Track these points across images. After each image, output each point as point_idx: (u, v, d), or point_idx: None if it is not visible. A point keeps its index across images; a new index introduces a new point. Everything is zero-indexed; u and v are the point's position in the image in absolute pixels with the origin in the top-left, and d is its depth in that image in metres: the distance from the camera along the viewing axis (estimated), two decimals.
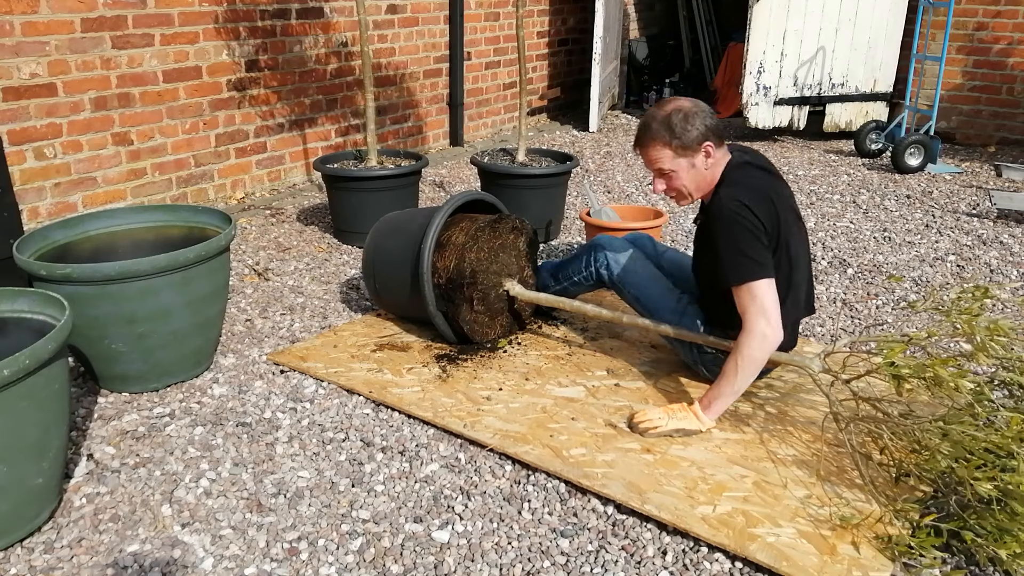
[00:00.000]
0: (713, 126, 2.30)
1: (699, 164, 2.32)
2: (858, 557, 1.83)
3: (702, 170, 2.33)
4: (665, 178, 2.37)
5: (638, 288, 2.69)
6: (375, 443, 2.31)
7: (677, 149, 2.30)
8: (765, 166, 2.44)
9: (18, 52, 3.53)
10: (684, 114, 2.28)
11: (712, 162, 2.33)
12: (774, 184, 2.38)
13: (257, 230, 4.19)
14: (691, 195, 2.39)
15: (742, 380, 2.25)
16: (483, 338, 2.84)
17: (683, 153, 2.30)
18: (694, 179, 2.35)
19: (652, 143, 2.32)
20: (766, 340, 2.21)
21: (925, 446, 1.97)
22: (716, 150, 2.32)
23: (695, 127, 2.27)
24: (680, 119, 2.27)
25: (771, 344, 2.22)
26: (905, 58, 6.07)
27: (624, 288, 2.72)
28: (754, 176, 2.35)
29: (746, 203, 2.24)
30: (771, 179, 2.40)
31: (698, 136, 2.28)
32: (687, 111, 2.28)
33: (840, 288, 3.49)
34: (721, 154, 2.35)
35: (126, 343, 2.41)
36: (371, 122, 3.97)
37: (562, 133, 6.73)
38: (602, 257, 2.77)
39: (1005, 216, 4.47)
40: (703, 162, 2.32)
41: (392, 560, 1.87)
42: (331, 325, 3.08)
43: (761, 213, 2.25)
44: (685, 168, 2.33)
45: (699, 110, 2.30)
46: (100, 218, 2.77)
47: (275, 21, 4.58)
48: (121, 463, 2.21)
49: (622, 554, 1.89)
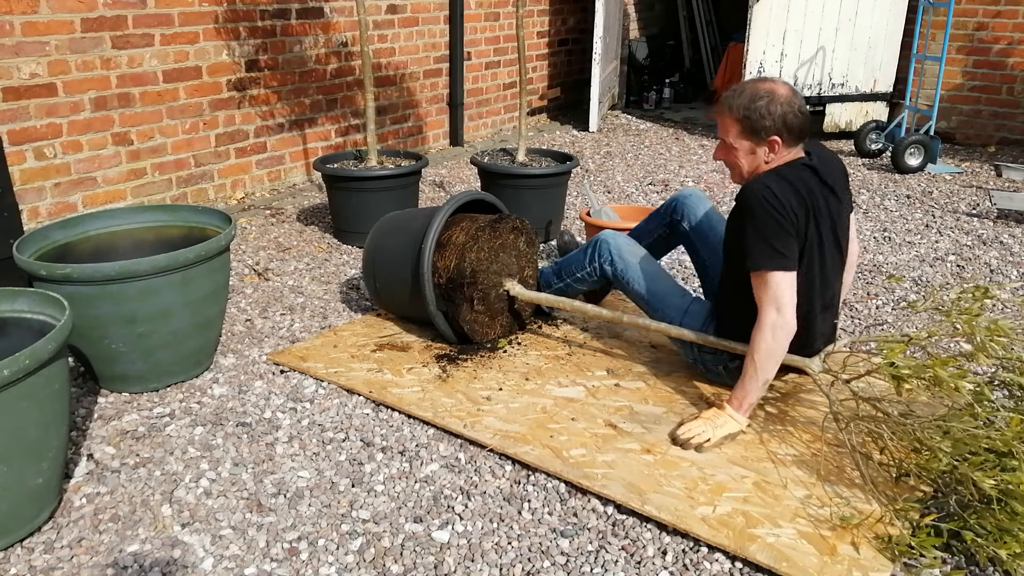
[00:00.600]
0: (794, 124, 2.22)
1: (760, 153, 2.27)
2: (858, 557, 1.83)
3: (762, 158, 2.28)
4: (726, 148, 2.33)
5: (642, 284, 2.68)
6: (375, 443, 2.31)
7: (746, 129, 2.25)
8: (824, 177, 2.31)
9: (18, 52, 3.53)
10: (771, 99, 2.20)
11: (775, 156, 2.27)
12: (820, 192, 2.28)
13: (257, 230, 4.19)
14: (743, 175, 2.33)
15: (764, 373, 2.22)
16: (483, 338, 2.84)
17: (749, 136, 2.26)
18: (751, 163, 2.30)
19: (729, 112, 2.27)
20: (777, 331, 2.18)
21: (925, 445, 1.97)
22: (784, 147, 2.25)
23: (772, 116, 2.20)
24: (764, 103, 2.20)
25: (784, 334, 2.18)
26: (905, 58, 6.07)
27: (628, 284, 2.71)
28: (802, 177, 2.26)
29: (775, 191, 2.19)
30: (819, 187, 2.28)
31: (770, 127, 2.21)
32: (776, 98, 2.21)
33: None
34: (789, 152, 2.28)
35: (126, 343, 2.41)
36: (371, 122, 3.97)
37: (562, 133, 6.73)
38: (605, 252, 2.76)
39: (1005, 216, 4.47)
40: (765, 153, 2.27)
41: (392, 560, 1.87)
42: (331, 325, 3.08)
43: (789, 203, 2.19)
44: (746, 150, 2.28)
45: (788, 101, 2.21)
46: (100, 218, 2.77)
47: (275, 21, 4.58)
48: (121, 463, 2.21)
49: (622, 554, 1.89)
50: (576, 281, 2.91)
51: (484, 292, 2.78)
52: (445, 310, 2.77)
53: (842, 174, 2.43)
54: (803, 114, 2.25)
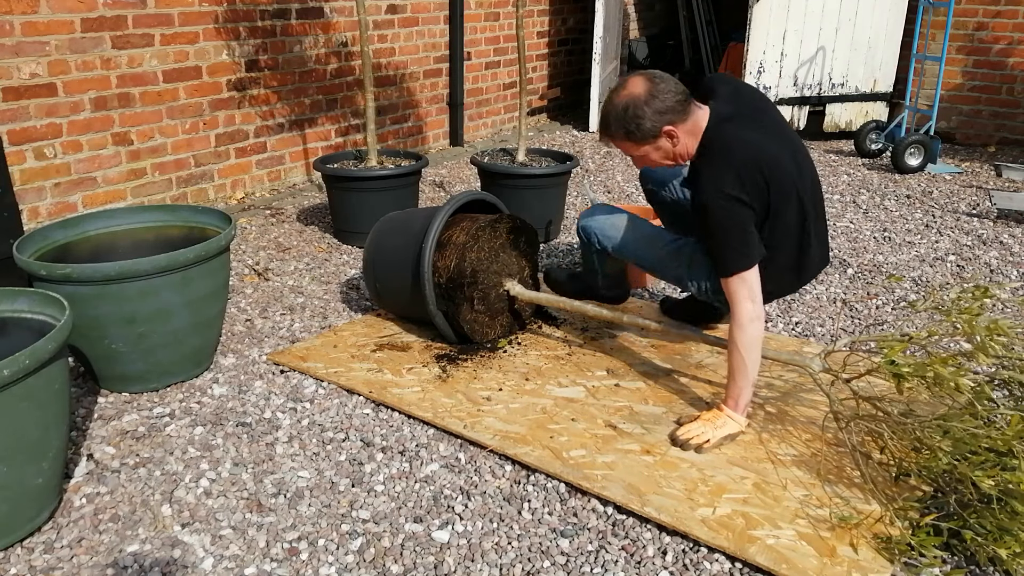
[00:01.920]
0: (670, 105, 2.21)
1: (665, 146, 2.29)
2: (858, 559, 1.83)
3: (671, 148, 2.29)
4: (639, 159, 2.37)
5: (639, 254, 2.69)
6: (375, 443, 2.31)
7: (637, 139, 2.28)
8: (753, 116, 2.31)
9: (18, 52, 3.53)
10: (634, 107, 2.21)
11: (680, 139, 2.27)
12: (763, 145, 2.25)
13: (257, 230, 4.18)
14: (676, 160, 2.35)
15: (751, 366, 2.23)
16: (483, 338, 2.84)
17: (647, 141, 2.28)
18: (666, 156, 2.33)
19: (613, 138, 2.32)
20: (754, 322, 2.21)
21: (925, 444, 1.97)
22: (680, 126, 2.25)
23: (647, 119, 2.21)
24: (632, 116, 2.22)
25: (760, 323, 2.23)
26: (905, 58, 6.07)
27: (628, 257, 2.73)
28: (738, 143, 2.23)
29: (732, 194, 2.18)
30: (760, 138, 2.27)
31: (652, 127, 2.23)
32: (637, 102, 2.21)
33: (840, 288, 3.49)
34: (691, 122, 2.26)
35: (126, 343, 2.41)
36: (371, 122, 3.97)
37: (562, 133, 6.73)
38: (594, 236, 2.76)
39: (1005, 216, 4.47)
40: (668, 143, 2.28)
41: (392, 560, 1.87)
42: (331, 325, 3.08)
43: (750, 197, 2.20)
44: (652, 151, 2.31)
45: (652, 95, 2.21)
46: (100, 218, 2.77)
47: (275, 21, 4.58)
48: (121, 463, 2.21)
49: (622, 554, 1.89)
50: (594, 274, 2.89)
51: (484, 292, 2.78)
52: (445, 310, 2.77)
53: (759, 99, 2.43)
54: (669, 88, 2.22)
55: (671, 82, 2.25)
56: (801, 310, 3.26)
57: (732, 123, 2.27)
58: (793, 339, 2.95)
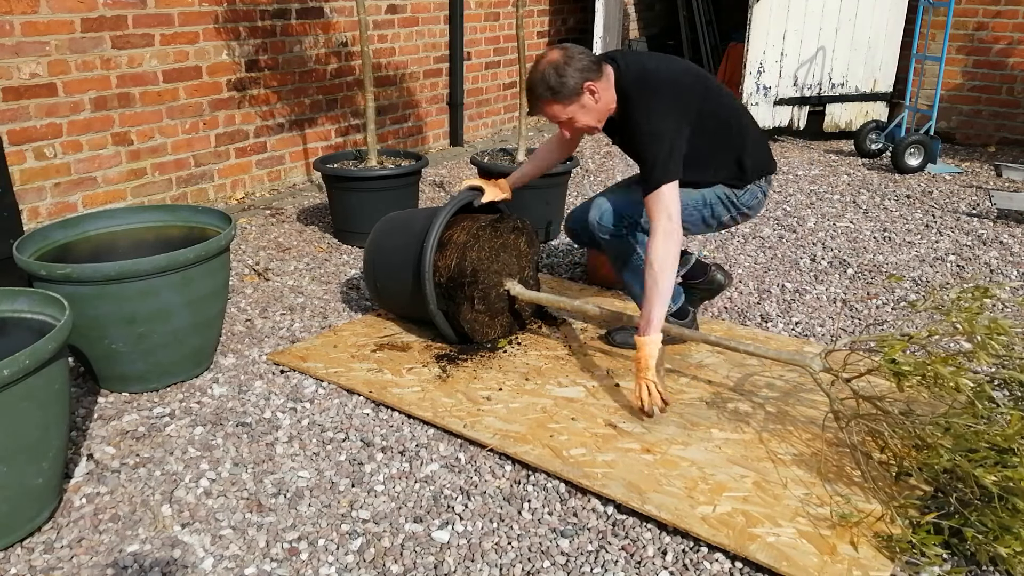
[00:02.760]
0: (587, 64, 2.42)
1: (588, 102, 2.46)
2: (858, 557, 1.83)
3: (594, 105, 2.47)
4: (567, 125, 2.53)
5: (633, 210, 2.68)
6: (375, 443, 2.31)
7: (562, 100, 2.44)
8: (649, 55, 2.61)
9: (18, 52, 3.53)
10: (556, 68, 2.40)
11: (600, 93, 2.45)
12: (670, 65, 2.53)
13: (257, 230, 4.18)
14: (596, 126, 2.54)
15: (664, 284, 2.34)
16: (483, 338, 2.84)
17: (570, 102, 2.44)
18: (590, 115, 2.49)
19: (541, 104, 2.48)
20: (669, 237, 2.35)
21: (926, 443, 1.97)
22: (598, 82, 2.45)
23: (570, 76, 2.40)
24: (554, 75, 2.40)
25: (675, 241, 2.36)
26: (905, 58, 6.07)
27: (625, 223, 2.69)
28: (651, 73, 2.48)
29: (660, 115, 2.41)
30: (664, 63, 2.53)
31: (575, 84, 2.41)
32: (558, 64, 2.41)
33: (840, 288, 3.49)
34: (605, 78, 2.47)
35: (126, 343, 2.41)
36: (371, 122, 3.97)
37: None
38: (608, 224, 2.68)
39: (1005, 216, 4.47)
40: (591, 99, 2.46)
41: (392, 560, 1.87)
42: (331, 325, 3.08)
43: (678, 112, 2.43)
44: (578, 111, 2.47)
45: (569, 57, 2.41)
46: (100, 218, 2.77)
47: (275, 21, 4.58)
48: (121, 463, 2.21)
49: (622, 554, 1.89)
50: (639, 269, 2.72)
51: (485, 291, 2.78)
52: (445, 309, 2.77)
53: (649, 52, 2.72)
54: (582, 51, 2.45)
55: (581, 48, 2.48)
56: (801, 310, 3.26)
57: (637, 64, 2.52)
58: (793, 339, 2.95)
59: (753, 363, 2.75)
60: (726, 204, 2.70)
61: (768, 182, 2.76)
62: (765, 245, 4.02)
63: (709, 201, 2.69)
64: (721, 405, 2.48)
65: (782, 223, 4.36)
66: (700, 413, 2.43)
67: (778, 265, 3.75)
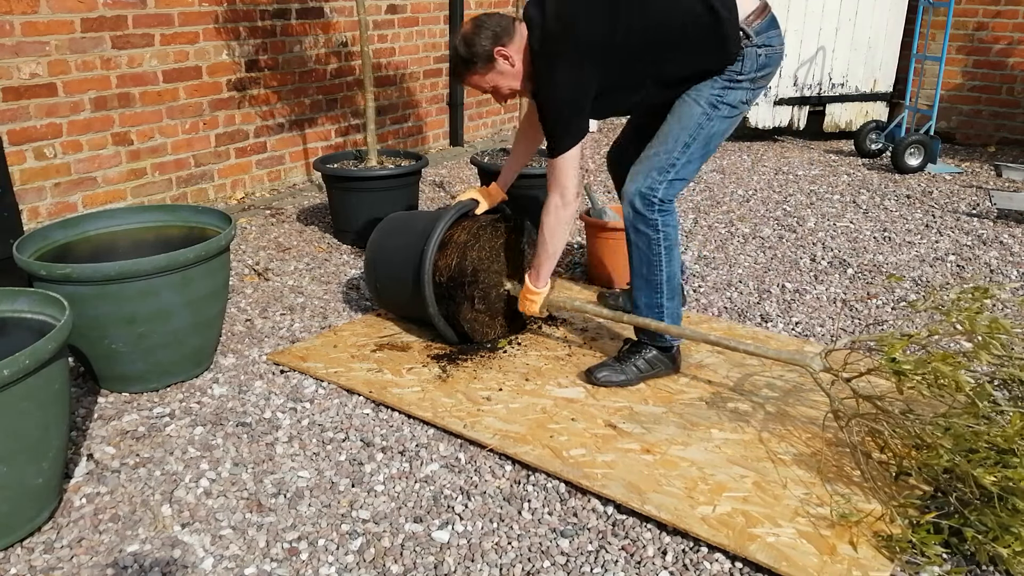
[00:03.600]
0: (498, 30, 2.41)
1: (503, 68, 2.46)
2: (858, 557, 1.83)
3: (510, 69, 2.46)
4: (493, 93, 2.54)
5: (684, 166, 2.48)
6: (375, 443, 2.31)
7: (479, 69, 2.46)
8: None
9: (18, 52, 3.53)
10: (466, 40, 2.44)
11: (514, 56, 2.44)
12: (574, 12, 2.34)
13: (257, 230, 4.19)
14: (520, 89, 2.51)
15: (553, 245, 2.54)
16: (483, 338, 2.84)
17: (486, 69, 2.46)
18: (510, 80, 2.49)
19: (462, 76, 2.52)
20: (559, 211, 2.47)
21: (926, 442, 1.97)
22: (510, 46, 2.42)
23: (479, 44, 2.41)
24: (463, 46, 2.44)
25: (565, 215, 2.47)
26: (905, 58, 6.07)
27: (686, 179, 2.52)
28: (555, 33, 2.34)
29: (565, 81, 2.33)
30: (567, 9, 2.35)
31: (485, 51, 2.42)
32: (467, 34, 2.44)
33: (840, 288, 3.48)
34: (518, 39, 2.43)
35: (126, 343, 2.41)
36: (371, 122, 3.97)
37: None
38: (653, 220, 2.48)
39: (1005, 216, 4.47)
40: (505, 64, 2.45)
41: (392, 560, 1.87)
42: (331, 325, 3.08)
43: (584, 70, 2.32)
44: (497, 78, 2.48)
45: (478, 25, 2.43)
46: (100, 218, 2.77)
47: (275, 21, 4.58)
48: (121, 463, 2.21)
49: (622, 554, 1.89)
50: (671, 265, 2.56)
51: (485, 291, 2.78)
52: (446, 311, 2.77)
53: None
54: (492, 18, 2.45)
55: (496, 14, 2.49)
56: (801, 310, 3.26)
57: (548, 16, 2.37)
58: (793, 339, 2.95)
59: (753, 363, 2.75)
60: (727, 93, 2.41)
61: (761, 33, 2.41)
62: (765, 245, 4.02)
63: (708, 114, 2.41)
64: (721, 405, 2.48)
65: (782, 223, 4.37)
66: (700, 413, 2.43)
67: (778, 265, 3.75)
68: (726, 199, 4.82)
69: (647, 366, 2.59)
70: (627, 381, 2.57)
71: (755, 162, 5.75)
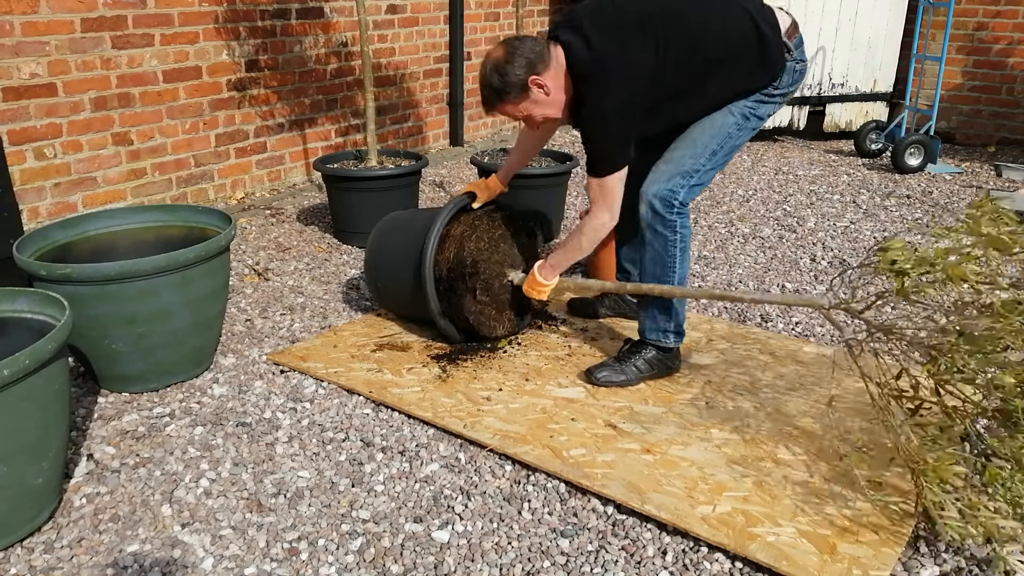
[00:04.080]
0: (531, 58, 2.32)
1: (538, 97, 2.38)
2: (858, 556, 1.83)
3: (545, 97, 2.39)
4: (526, 120, 2.48)
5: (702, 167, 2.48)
6: (375, 443, 2.31)
7: (512, 99, 2.39)
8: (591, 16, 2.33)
9: (18, 52, 3.53)
10: (497, 68, 2.34)
11: (549, 84, 2.36)
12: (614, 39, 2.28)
13: (257, 230, 4.19)
14: (557, 116, 2.46)
15: (584, 251, 2.53)
16: (490, 332, 2.81)
17: (520, 98, 2.39)
18: (545, 107, 2.42)
19: (493, 106, 2.44)
20: (604, 227, 2.45)
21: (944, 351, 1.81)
22: (545, 73, 2.35)
23: (512, 75, 2.33)
24: (496, 77, 2.35)
25: (607, 230, 2.46)
26: (905, 58, 6.07)
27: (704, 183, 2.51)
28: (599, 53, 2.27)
29: (612, 106, 2.28)
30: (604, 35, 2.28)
31: (519, 82, 2.34)
32: (499, 63, 2.34)
33: (840, 288, 3.48)
34: (553, 65, 2.35)
35: (126, 343, 2.41)
36: (371, 122, 3.97)
37: (562, 133, 6.73)
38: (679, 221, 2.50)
39: None
40: (540, 93, 2.38)
41: (392, 560, 1.87)
42: (331, 325, 3.08)
43: (630, 92, 2.28)
44: (531, 106, 2.41)
45: (511, 53, 2.33)
46: (100, 218, 2.77)
47: (275, 21, 4.58)
48: (121, 463, 2.21)
49: (622, 554, 1.89)
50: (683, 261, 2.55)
51: (487, 282, 2.76)
52: (448, 307, 2.75)
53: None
54: (525, 43, 2.34)
55: (527, 39, 2.38)
56: (801, 309, 3.26)
57: (587, 34, 2.30)
58: (793, 338, 2.95)
59: (753, 363, 2.75)
60: (760, 107, 2.43)
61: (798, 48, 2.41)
62: (765, 245, 4.02)
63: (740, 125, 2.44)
64: (721, 405, 2.48)
65: (782, 223, 4.37)
66: (700, 413, 2.43)
67: (778, 265, 3.75)
68: (726, 199, 4.82)
69: (647, 366, 2.59)
70: (627, 381, 2.57)
71: (755, 162, 5.75)
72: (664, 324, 2.56)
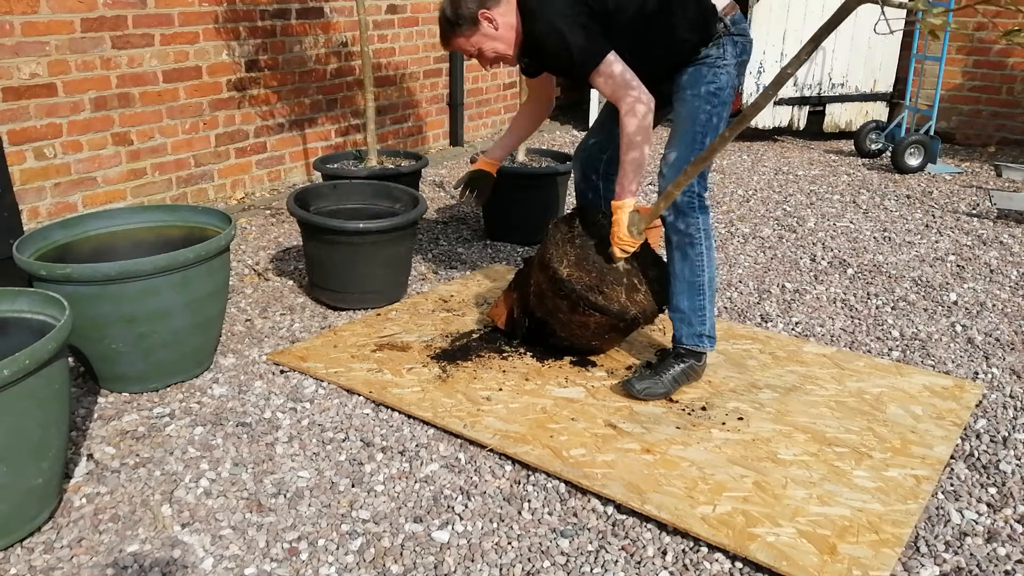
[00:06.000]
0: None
1: (487, 30, 2.45)
2: (858, 556, 1.83)
3: (494, 31, 2.45)
4: (477, 57, 2.53)
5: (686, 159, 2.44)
6: (375, 443, 2.31)
7: (464, 32, 2.46)
8: None
9: (18, 52, 3.53)
10: (452, 2, 2.43)
11: (498, 19, 2.43)
12: None
13: (257, 230, 4.19)
14: (508, 52, 2.50)
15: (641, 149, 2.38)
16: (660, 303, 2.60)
17: (471, 32, 2.45)
18: (495, 43, 2.48)
19: (448, 39, 2.51)
20: (640, 105, 2.34)
21: None
22: (496, 7, 2.42)
23: (465, 8, 2.41)
24: (451, 11, 2.43)
25: (646, 107, 2.35)
26: (905, 58, 6.07)
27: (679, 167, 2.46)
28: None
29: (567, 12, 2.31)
30: None
31: (471, 15, 2.41)
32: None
33: (840, 288, 3.48)
34: (503, 6, 2.43)
35: (126, 343, 2.41)
36: (371, 122, 3.97)
37: (562, 133, 6.73)
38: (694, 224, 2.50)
39: (1005, 216, 4.47)
40: (490, 27, 2.44)
41: (392, 560, 1.87)
42: (331, 325, 3.08)
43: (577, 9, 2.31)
44: (482, 40, 2.47)
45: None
46: (100, 218, 2.77)
47: (275, 21, 4.58)
48: (121, 463, 2.21)
49: (622, 554, 1.89)
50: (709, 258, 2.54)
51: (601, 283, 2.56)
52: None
53: None
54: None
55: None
56: (801, 310, 3.26)
57: None
58: (793, 338, 2.95)
59: (753, 363, 2.75)
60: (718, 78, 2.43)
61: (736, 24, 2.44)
62: (765, 245, 4.02)
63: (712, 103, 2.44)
64: (721, 405, 2.48)
65: (782, 223, 4.37)
66: (700, 413, 2.43)
67: (778, 265, 3.75)
68: (726, 199, 4.82)
69: (683, 376, 2.56)
70: (667, 392, 2.53)
71: (755, 162, 5.75)
72: (699, 328, 2.53)
